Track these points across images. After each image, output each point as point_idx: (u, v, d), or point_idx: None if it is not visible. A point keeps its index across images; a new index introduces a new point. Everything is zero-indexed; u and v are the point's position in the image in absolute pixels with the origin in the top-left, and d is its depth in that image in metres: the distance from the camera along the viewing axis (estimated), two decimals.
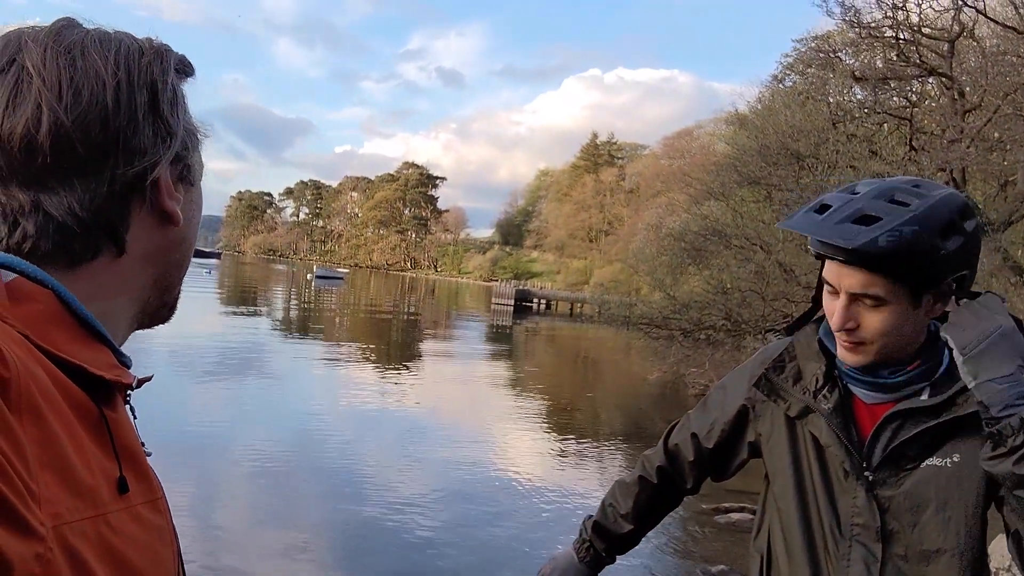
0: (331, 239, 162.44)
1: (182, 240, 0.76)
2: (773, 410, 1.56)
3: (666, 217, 22.82)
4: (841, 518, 1.43)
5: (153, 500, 0.67)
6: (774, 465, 1.55)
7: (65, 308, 0.65)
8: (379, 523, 7.31)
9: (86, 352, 0.64)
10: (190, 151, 0.75)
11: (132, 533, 0.61)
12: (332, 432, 10.81)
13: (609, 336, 30.45)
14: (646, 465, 1.80)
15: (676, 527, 7.98)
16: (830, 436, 1.44)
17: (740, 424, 1.63)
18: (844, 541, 1.41)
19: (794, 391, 1.51)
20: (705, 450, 1.69)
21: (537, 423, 13.31)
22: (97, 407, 0.62)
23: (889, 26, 13.57)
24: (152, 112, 0.69)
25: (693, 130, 65.57)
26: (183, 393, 11.95)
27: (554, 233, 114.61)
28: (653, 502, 1.79)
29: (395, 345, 24.86)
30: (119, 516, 0.60)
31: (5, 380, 0.53)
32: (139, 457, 0.68)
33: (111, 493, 0.60)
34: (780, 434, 1.54)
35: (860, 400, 1.45)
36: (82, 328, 0.66)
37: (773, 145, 14.64)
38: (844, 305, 1.35)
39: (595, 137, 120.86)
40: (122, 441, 0.65)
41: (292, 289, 51.48)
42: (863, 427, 1.43)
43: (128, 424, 0.69)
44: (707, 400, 1.74)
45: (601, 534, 1.81)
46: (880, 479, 1.39)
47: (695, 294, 16.24)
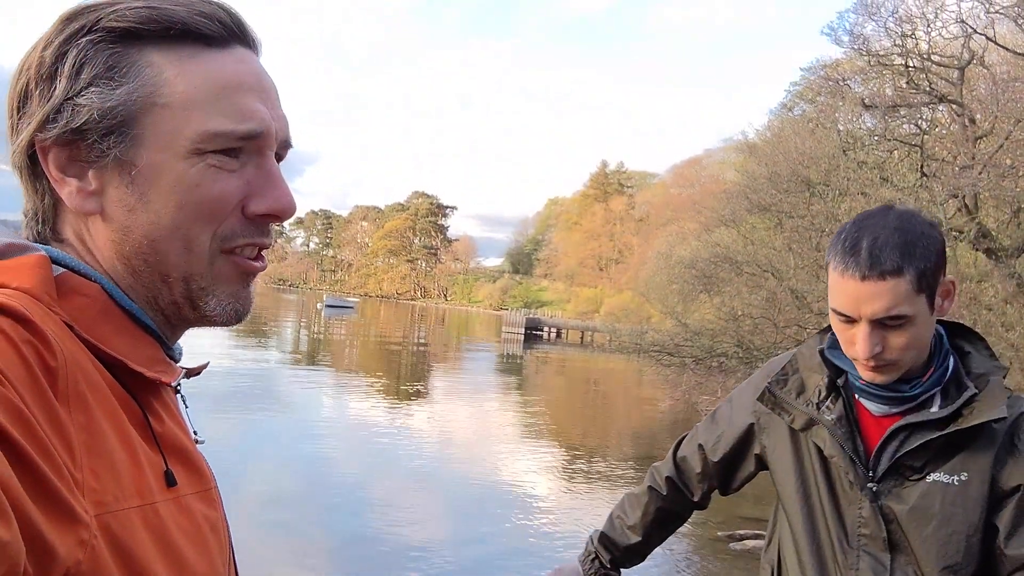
0: (341, 268, 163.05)
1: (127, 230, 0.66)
2: (777, 423, 1.57)
3: (676, 245, 22.81)
4: (848, 528, 1.43)
5: (205, 491, 0.68)
6: (780, 478, 1.56)
7: (113, 302, 0.65)
8: (391, 555, 7.24)
9: (130, 346, 0.64)
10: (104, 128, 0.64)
11: (181, 523, 0.62)
12: (341, 462, 10.76)
13: (620, 364, 30.33)
14: (655, 476, 1.80)
15: (690, 554, 7.88)
16: (834, 447, 1.44)
17: (746, 437, 1.64)
18: (852, 551, 1.42)
19: (797, 404, 1.51)
20: (712, 463, 1.69)
21: (549, 451, 13.21)
22: (137, 401, 0.63)
23: (898, 54, 13.64)
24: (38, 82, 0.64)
25: (703, 158, 65.87)
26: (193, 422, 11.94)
27: (564, 262, 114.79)
28: (661, 514, 1.78)
29: (405, 374, 24.82)
30: (167, 506, 0.61)
31: (52, 369, 0.54)
32: (186, 449, 0.68)
33: (159, 484, 0.61)
34: (785, 447, 1.55)
35: (867, 412, 1.45)
36: (130, 320, 0.66)
37: (783, 172, 14.67)
38: (867, 333, 1.33)
39: (605, 166, 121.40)
40: (167, 434, 0.65)
41: (302, 319, 51.58)
42: (869, 438, 1.44)
43: (176, 415, 0.70)
44: (716, 413, 1.75)
45: (608, 545, 1.79)
46: (885, 489, 1.39)
47: (706, 321, 16.20)
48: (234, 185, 0.68)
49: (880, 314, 1.31)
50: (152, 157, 0.65)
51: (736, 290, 15.56)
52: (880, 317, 1.31)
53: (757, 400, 1.59)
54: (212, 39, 0.68)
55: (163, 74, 0.65)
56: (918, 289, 1.31)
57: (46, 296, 0.60)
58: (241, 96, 0.68)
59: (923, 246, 1.32)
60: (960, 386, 1.36)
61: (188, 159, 0.66)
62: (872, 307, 1.31)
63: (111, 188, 0.66)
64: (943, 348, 1.41)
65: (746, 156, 21.29)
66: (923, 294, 1.31)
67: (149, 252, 0.67)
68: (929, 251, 1.32)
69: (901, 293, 1.30)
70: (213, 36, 0.68)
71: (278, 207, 0.70)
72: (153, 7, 0.65)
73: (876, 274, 1.30)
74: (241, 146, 0.68)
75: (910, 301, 1.31)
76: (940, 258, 1.34)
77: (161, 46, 0.66)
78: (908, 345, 1.34)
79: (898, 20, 13.41)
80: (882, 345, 1.33)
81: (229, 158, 0.68)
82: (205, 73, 0.67)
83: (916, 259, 1.30)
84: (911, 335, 1.33)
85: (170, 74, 0.65)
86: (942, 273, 1.35)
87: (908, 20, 13.42)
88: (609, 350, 30.47)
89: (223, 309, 0.72)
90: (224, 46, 0.69)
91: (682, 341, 15.52)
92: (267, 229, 0.72)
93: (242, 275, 0.72)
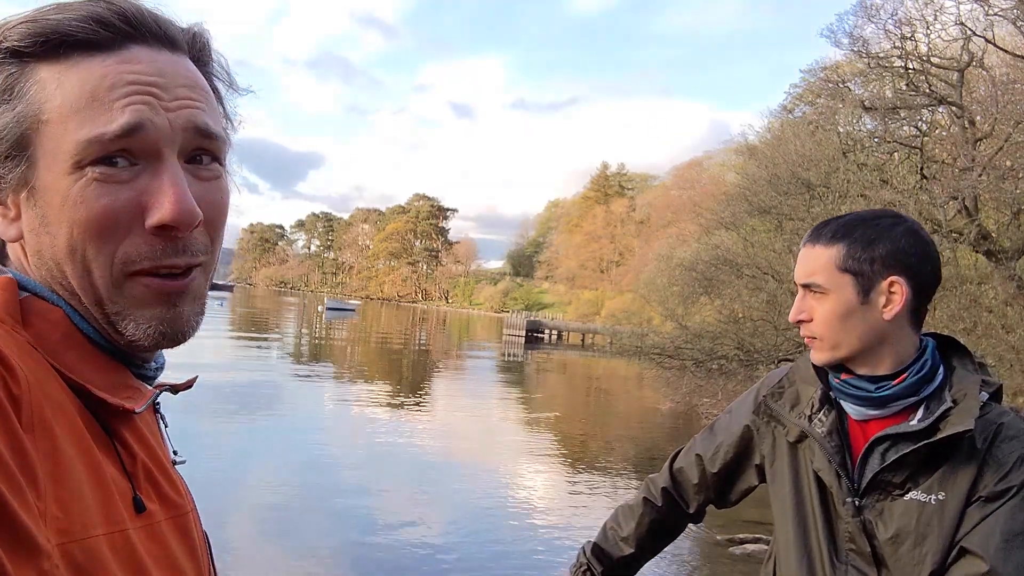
0: (342, 271, 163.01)
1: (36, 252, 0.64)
2: (775, 435, 1.56)
3: (677, 247, 22.82)
4: (838, 543, 1.42)
5: (180, 515, 0.66)
6: (776, 491, 1.55)
7: (74, 327, 0.63)
8: (391, 557, 7.24)
9: (94, 371, 0.62)
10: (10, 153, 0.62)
11: (151, 550, 0.60)
12: (343, 465, 10.76)
13: (621, 367, 30.33)
14: (651, 487, 1.78)
15: (691, 559, 7.88)
16: (822, 460, 1.43)
17: (745, 447, 1.63)
18: (840, 566, 1.41)
19: (791, 416, 1.51)
20: (710, 473, 1.68)
21: (550, 454, 13.21)
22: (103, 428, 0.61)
23: (898, 56, 13.65)
24: None
25: (703, 160, 65.76)
26: (193, 425, 11.93)
27: (565, 264, 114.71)
28: (655, 526, 1.76)
29: (407, 377, 24.81)
30: (137, 533, 0.59)
31: (16, 397, 0.53)
32: (159, 472, 0.66)
33: (129, 511, 0.59)
34: (783, 460, 1.53)
35: (853, 420, 1.44)
36: (93, 345, 0.64)
37: (783, 174, 14.68)
38: (800, 297, 1.42)
39: (605, 168, 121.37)
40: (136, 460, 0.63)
41: (303, 321, 51.57)
42: (856, 449, 1.42)
43: (147, 440, 0.67)
44: (714, 424, 1.74)
45: (600, 557, 1.77)
46: (868, 504, 1.38)
47: (707, 324, 16.21)
48: (123, 198, 0.62)
49: (802, 278, 1.41)
50: (44, 177, 0.62)
51: (736, 292, 15.57)
52: (803, 281, 1.40)
53: (753, 413, 1.60)
54: (98, 44, 0.63)
55: (46, 89, 0.62)
56: (841, 267, 1.35)
57: (10, 319, 0.59)
58: (113, 96, 0.62)
59: (870, 235, 1.35)
60: (940, 400, 1.35)
61: (71, 175, 0.61)
62: (800, 269, 1.42)
63: (24, 213, 0.63)
64: (924, 358, 1.38)
65: (746, 158, 21.30)
66: (847, 275, 1.35)
67: (59, 276, 0.63)
68: (874, 242, 1.34)
69: (821, 264, 1.37)
70: (97, 40, 0.63)
71: (166, 216, 0.62)
72: (38, 20, 0.62)
73: (811, 241, 1.41)
74: (124, 150, 0.62)
75: (829, 275, 1.36)
76: (887, 258, 1.34)
77: (49, 60, 0.62)
78: (826, 320, 1.37)
79: (897, 22, 13.43)
80: (808, 314, 1.40)
81: (115, 168, 0.62)
82: (80, 81, 0.62)
83: (852, 240, 1.36)
84: (828, 311, 1.37)
85: (51, 89, 0.62)
86: (889, 273, 1.34)
87: (907, 22, 13.44)
88: (610, 352, 30.48)
89: (146, 333, 0.65)
90: (112, 49, 0.63)
91: (682, 343, 15.52)
92: (180, 246, 0.64)
93: (160, 296, 0.65)
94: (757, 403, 1.59)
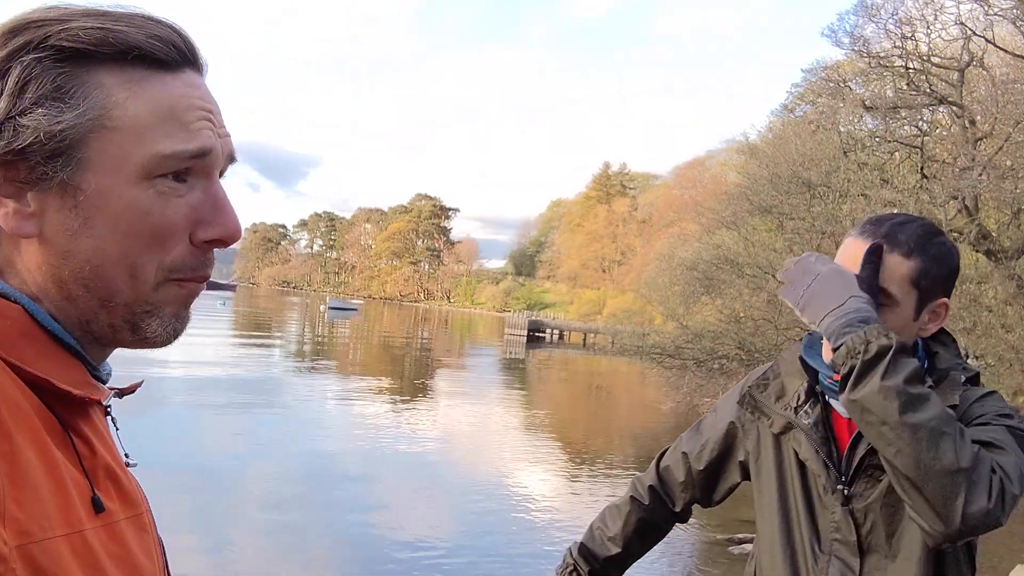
0: (345, 271, 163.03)
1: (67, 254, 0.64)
2: (759, 428, 1.56)
3: (678, 247, 22.82)
4: (822, 534, 1.42)
5: (136, 516, 0.66)
6: (760, 484, 1.55)
7: (34, 322, 0.63)
8: (391, 556, 7.27)
9: (55, 367, 0.62)
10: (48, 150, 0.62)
11: (112, 550, 0.60)
12: (344, 465, 10.79)
13: (622, 366, 30.34)
14: (638, 486, 1.78)
15: (689, 558, 7.90)
16: (809, 451, 1.43)
17: (729, 444, 1.63)
18: (823, 556, 1.41)
19: (776, 407, 1.50)
20: (696, 471, 1.67)
21: (551, 453, 13.24)
22: (62, 424, 0.61)
23: (898, 56, 13.67)
24: None
25: (705, 160, 65.67)
26: (196, 425, 11.97)
27: (567, 264, 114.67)
28: (642, 525, 1.75)
29: (409, 376, 24.85)
30: (96, 533, 0.59)
31: None
32: (116, 473, 0.66)
33: (87, 511, 0.59)
34: (767, 453, 1.53)
35: (841, 418, 1.43)
36: (53, 342, 0.64)
37: (784, 174, 14.69)
38: None
39: (607, 167, 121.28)
40: (95, 458, 0.63)
41: (306, 321, 51.61)
42: (842, 442, 1.43)
43: (105, 439, 0.68)
44: (701, 422, 1.74)
45: (587, 557, 1.77)
46: (856, 492, 1.38)
47: (708, 324, 16.21)
48: (183, 212, 0.66)
49: None
50: (100, 182, 0.63)
51: (737, 292, 15.59)
52: None
53: (737, 404, 1.60)
54: (164, 63, 0.66)
55: (112, 97, 0.63)
56: (914, 282, 1.32)
57: None
58: (189, 117, 0.66)
59: (940, 254, 1.34)
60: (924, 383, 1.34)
61: (138, 184, 0.64)
62: None
63: (51, 211, 0.63)
64: (916, 354, 1.40)
65: (747, 157, 21.31)
66: (916, 291, 1.32)
67: (91, 278, 0.64)
68: (942, 262, 1.33)
69: (898, 274, 1.31)
70: (165, 60, 0.66)
71: (226, 233, 0.69)
72: (108, 28, 0.63)
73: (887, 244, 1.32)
74: (189, 168, 0.66)
75: (902, 287, 1.31)
76: (947, 277, 1.35)
77: (111, 68, 0.64)
78: None
79: (898, 22, 13.45)
80: None
81: (177, 183, 0.66)
82: (156, 96, 0.65)
83: (928, 257, 1.32)
84: (888, 323, 1.29)
85: (120, 97, 0.63)
86: (943, 294, 1.35)
87: (908, 22, 13.46)
88: (611, 352, 30.48)
89: (164, 331, 0.69)
90: (174, 70, 0.67)
91: (683, 343, 15.54)
92: (211, 258, 0.70)
93: (186, 299, 0.70)
94: (742, 395, 1.59)
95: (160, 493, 5.48)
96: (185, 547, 6.63)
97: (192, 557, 6.49)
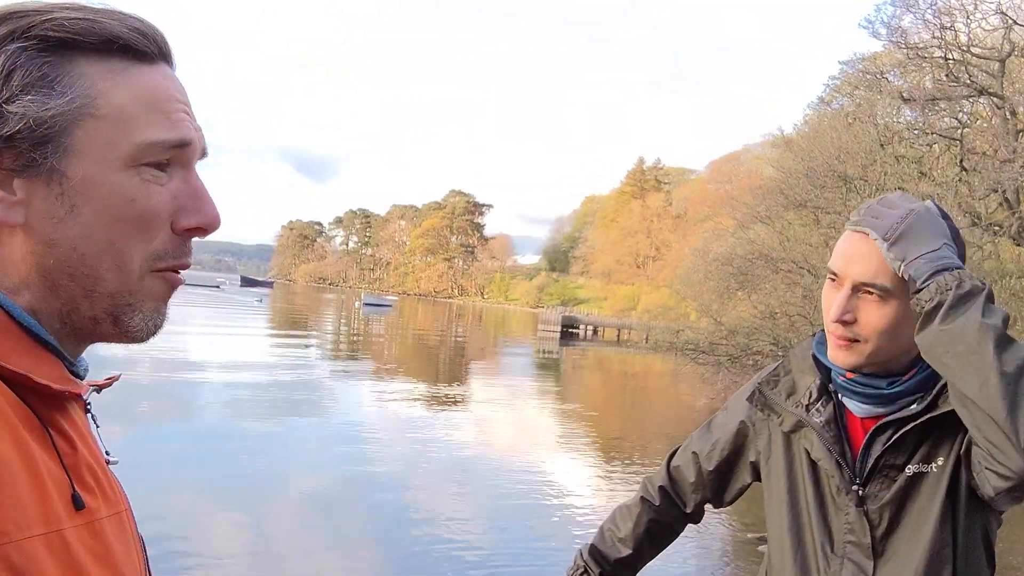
0: (379, 267, 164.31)
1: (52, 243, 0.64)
2: (770, 426, 1.52)
3: (713, 242, 22.66)
4: (834, 536, 1.38)
5: (116, 513, 0.66)
6: (770, 484, 1.52)
7: (10, 319, 0.62)
8: (430, 553, 7.36)
9: (32, 363, 0.62)
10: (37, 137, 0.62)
11: (93, 548, 0.60)
12: (382, 460, 10.91)
13: (657, 363, 30.19)
14: (648, 487, 1.75)
15: (718, 556, 7.88)
16: (821, 450, 1.39)
17: (740, 443, 1.60)
18: (836, 558, 1.37)
19: (787, 405, 1.46)
20: (706, 471, 1.64)
21: (586, 450, 13.26)
22: (40, 422, 0.60)
23: (937, 46, 13.43)
24: None
25: (740, 154, 65.11)
26: (234, 423, 12.18)
27: (600, 259, 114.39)
28: (653, 526, 1.72)
29: (443, 371, 25.00)
30: (76, 532, 0.58)
31: None
32: (96, 470, 0.66)
33: (67, 509, 0.58)
34: (777, 452, 1.50)
35: (854, 416, 1.40)
36: (30, 338, 0.63)
37: (820, 167, 14.53)
38: (846, 295, 1.30)
39: (641, 162, 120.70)
40: (76, 455, 0.63)
41: (341, 317, 52.11)
42: (855, 441, 1.39)
43: (85, 436, 0.67)
44: (711, 421, 1.70)
45: (598, 559, 1.74)
46: (870, 493, 1.35)
47: (743, 320, 16.09)
48: (165, 199, 0.68)
49: (863, 277, 1.28)
50: (87, 169, 0.64)
51: (772, 287, 15.46)
52: (863, 280, 1.28)
53: (747, 400, 1.56)
54: (143, 55, 0.68)
55: (96, 86, 0.65)
56: None
57: None
58: (169, 108, 0.68)
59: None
60: (937, 379, 1.30)
61: (124, 171, 0.65)
62: (860, 266, 1.29)
63: (38, 199, 0.63)
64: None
65: (783, 151, 21.09)
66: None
67: (76, 266, 0.65)
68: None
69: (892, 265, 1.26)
70: (145, 52, 0.68)
71: (206, 221, 0.70)
72: (91, 19, 0.65)
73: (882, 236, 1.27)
74: (170, 158, 0.68)
75: (898, 278, 1.26)
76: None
77: (93, 58, 0.65)
78: (882, 328, 1.29)
79: (937, 12, 13.22)
80: (854, 315, 1.30)
81: (160, 171, 0.67)
82: (139, 87, 0.67)
83: None
84: (884, 317, 1.28)
85: (103, 86, 0.65)
86: None
87: (947, 12, 13.22)
88: (645, 348, 30.41)
89: (145, 326, 0.70)
90: (152, 62, 0.69)
91: (717, 339, 15.46)
92: (190, 248, 0.72)
93: (167, 292, 0.71)
94: (752, 392, 1.54)
95: (198, 490, 5.54)
96: (222, 534, 6.78)
97: (230, 542, 6.64)
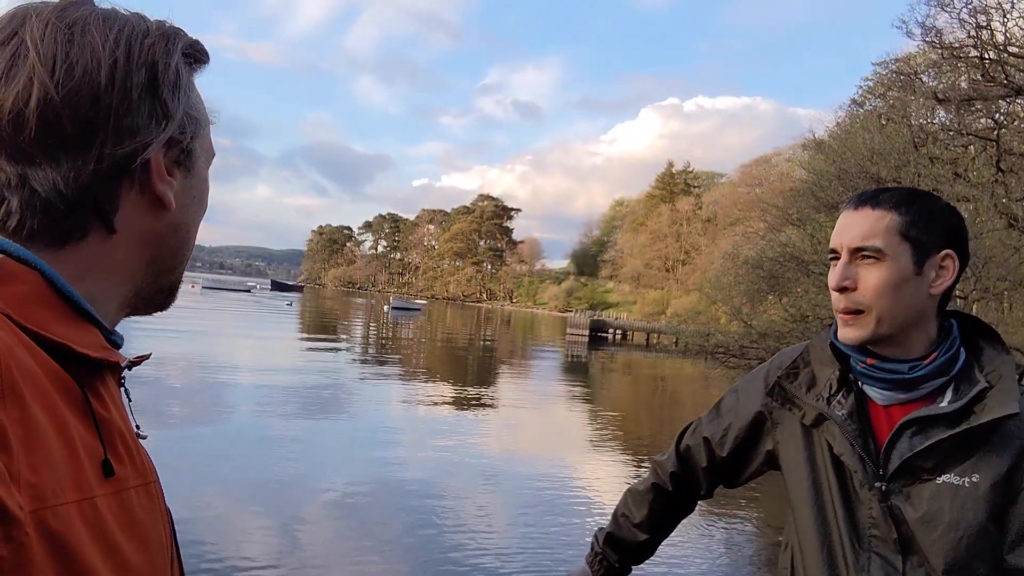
0: (408, 271, 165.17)
1: (177, 226, 0.75)
2: (789, 419, 1.49)
3: (743, 245, 22.49)
4: (859, 529, 1.35)
5: (145, 484, 0.67)
6: (791, 477, 1.48)
7: (51, 288, 0.64)
8: (460, 560, 7.38)
9: (72, 332, 0.63)
10: (189, 136, 0.73)
11: (122, 517, 0.61)
12: (410, 463, 10.96)
13: (686, 367, 30.03)
14: (659, 472, 1.74)
15: (747, 551, 7.81)
16: (843, 444, 1.37)
17: (756, 432, 1.57)
18: (863, 553, 1.34)
19: (807, 398, 1.44)
20: (719, 457, 1.63)
21: (615, 454, 13.21)
22: (80, 388, 0.62)
23: (973, 46, 13.22)
24: (149, 93, 0.68)
25: (771, 157, 64.65)
26: (264, 427, 12.31)
27: (630, 263, 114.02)
28: (667, 509, 1.73)
29: (472, 375, 25.04)
30: (107, 500, 0.60)
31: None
32: (129, 440, 0.67)
33: (97, 476, 0.59)
34: (797, 444, 1.46)
35: (876, 404, 1.38)
36: (69, 308, 0.65)
37: (852, 169, 14.36)
38: (843, 263, 1.34)
39: (671, 166, 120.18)
40: (110, 423, 0.64)
41: (370, 321, 52.43)
42: (879, 433, 1.36)
43: (119, 406, 0.69)
44: (720, 404, 1.67)
45: (614, 545, 1.76)
46: (895, 489, 1.32)
47: (774, 323, 15.95)
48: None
49: (856, 241, 1.32)
50: (198, 165, 0.77)
51: (804, 290, 15.31)
52: (856, 244, 1.32)
53: (767, 395, 1.53)
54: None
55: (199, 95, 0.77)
56: (903, 233, 1.30)
57: None
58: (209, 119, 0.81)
59: (929, 209, 1.32)
60: (972, 381, 1.29)
61: (207, 167, 0.79)
62: (851, 232, 1.33)
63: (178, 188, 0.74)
64: (951, 336, 1.35)
65: (814, 153, 20.89)
66: (907, 243, 1.30)
67: (182, 246, 0.77)
68: (933, 216, 1.32)
69: (882, 226, 1.30)
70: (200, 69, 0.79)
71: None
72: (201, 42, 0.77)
73: (867, 205, 1.33)
74: None
75: (889, 239, 1.30)
76: (945, 231, 1.32)
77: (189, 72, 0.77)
78: (877, 288, 1.31)
79: (972, 11, 13.00)
80: (854, 282, 1.32)
81: None
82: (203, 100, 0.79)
83: (913, 210, 1.31)
84: (881, 278, 1.30)
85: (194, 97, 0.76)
86: (943, 247, 1.32)
87: (983, 11, 13.00)
88: (674, 352, 30.21)
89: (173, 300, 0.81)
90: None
91: (748, 343, 15.33)
92: None
93: None
94: (769, 384, 1.52)
95: (232, 484, 5.56)
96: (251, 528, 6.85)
97: (257, 543, 6.71)
